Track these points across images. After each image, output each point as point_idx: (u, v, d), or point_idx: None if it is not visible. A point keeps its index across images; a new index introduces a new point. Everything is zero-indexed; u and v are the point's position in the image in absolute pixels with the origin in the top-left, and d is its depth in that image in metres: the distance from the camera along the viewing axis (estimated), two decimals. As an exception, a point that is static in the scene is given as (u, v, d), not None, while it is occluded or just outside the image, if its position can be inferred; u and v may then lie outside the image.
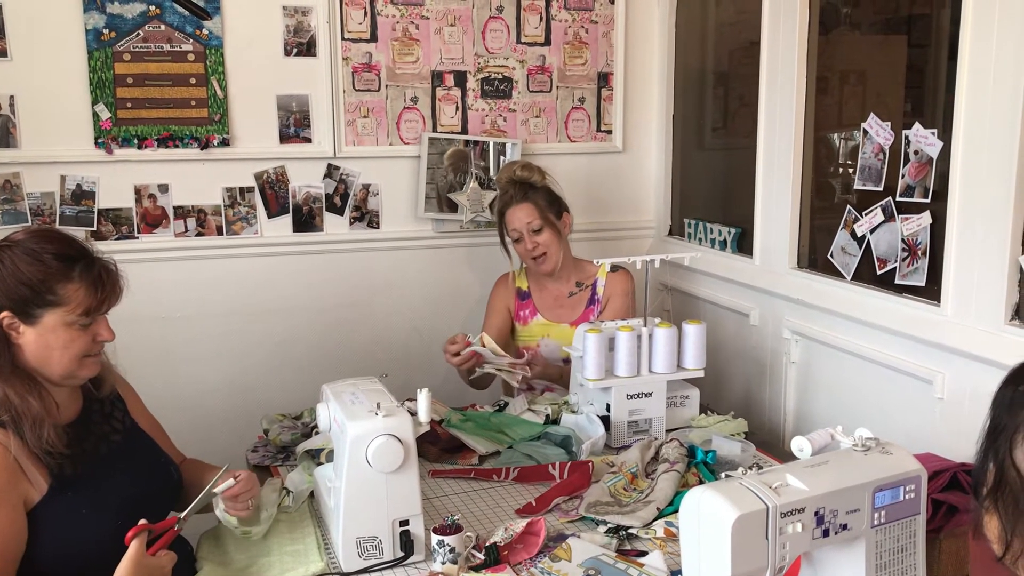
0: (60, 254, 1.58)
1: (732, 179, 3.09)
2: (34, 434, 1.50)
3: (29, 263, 1.55)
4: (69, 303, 1.56)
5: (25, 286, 1.53)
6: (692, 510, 1.22)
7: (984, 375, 1.90)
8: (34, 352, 1.56)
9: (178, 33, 2.70)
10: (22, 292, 1.53)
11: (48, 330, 1.56)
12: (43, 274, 1.55)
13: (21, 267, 1.54)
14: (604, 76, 3.17)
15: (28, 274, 1.54)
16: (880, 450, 1.32)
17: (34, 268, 1.55)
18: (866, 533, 1.26)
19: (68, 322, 1.57)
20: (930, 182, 2.09)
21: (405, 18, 2.91)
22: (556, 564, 1.61)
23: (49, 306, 1.55)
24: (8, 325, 1.54)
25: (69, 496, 1.55)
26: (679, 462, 1.94)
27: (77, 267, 1.58)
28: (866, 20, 2.57)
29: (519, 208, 2.59)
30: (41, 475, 1.53)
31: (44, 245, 1.58)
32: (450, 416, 2.25)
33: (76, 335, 1.58)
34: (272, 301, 2.92)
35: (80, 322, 1.58)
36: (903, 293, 2.18)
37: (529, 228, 2.58)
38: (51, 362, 1.57)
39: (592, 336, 2.17)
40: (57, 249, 1.58)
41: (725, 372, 2.88)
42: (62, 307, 1.56)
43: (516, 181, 2.63)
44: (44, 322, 1.55)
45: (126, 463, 1.69)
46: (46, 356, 1.56)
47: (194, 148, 2.76)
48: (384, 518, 1.62)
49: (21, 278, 1.54)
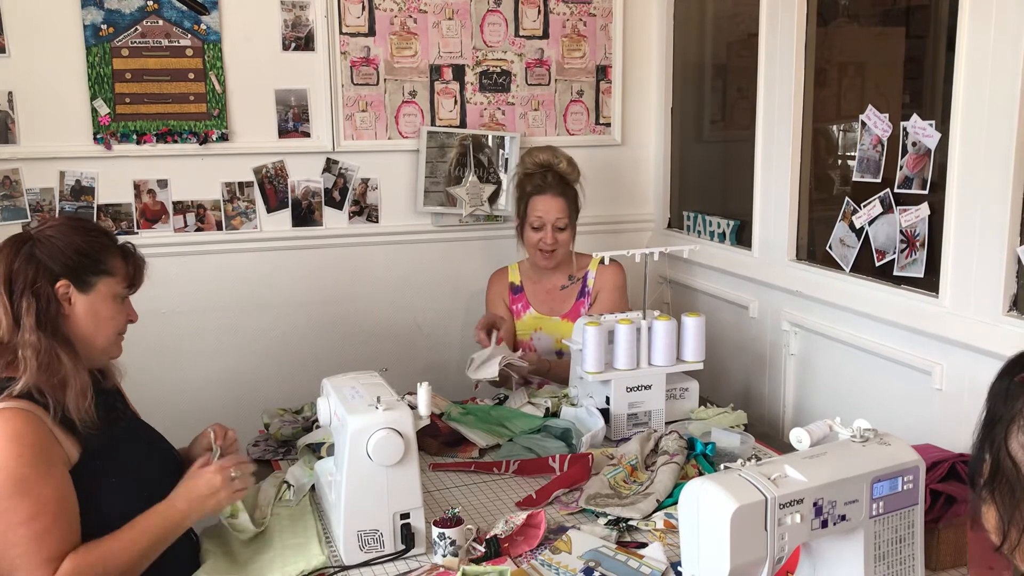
0: (102, 230, 1.73)
1: (731, 171, 3.09)
2: (77, 402, 1.56)
3: (82, 235, 1.65)
4: (117, 273, 1.68)
5: (81, 255, 1.63)
6: (691, 501, 1.22)
7: (982, 366, 1.90)
8: (84, 321, 1.63)
9: (176, 28, 2.70)
10: (79, 260, 1.63)
11: (100, 299, 1.65)
12: (97, 244, 1.66)
13: (75, 238, 1.64)
14: (603, 69, 3.17)
15: (83, 244, 1.64)
16: (878, 441, 1.33)
17: (88, 238, 1.66)
18: (864, 524, 1.27)
19: (115, 293, 1.68)
20: (928, 173, 2.09)
21: (403, 12, 2.91)
22: (556, 556, 1.62)
23: (103, 274, 1.65)
24: (63, 295, 1.61)
25: (98, 465, 1.60)
26: (679, 454, 1.95)
27: (118, 242, 1.72)
28: (864, 12, 2.57)
29: (553, 200, 2.59)
30: (72, 445, 1.57)
31: (86, 223, 1.74)
32: (450, 410, 2.25)
33: (119, 309, 1.69)
34: (271, 296, 2.92)
35: (123, 294, 1.70)
36: (901, 284, 2.18)
37: (555, 224, 2.59)
38: (99, 333, 1.66)
39: (591, 329, 2.17)
40: (97, 227, 1.74)
41: (724, 365, 2.89)
42: (113, 276, 1.67)
43: (557, 172, 2.62)
44: (98, 290, 1.65)
45: (140, 445, 1.76)
46: (95, 326, 1.65)
47: (193, 143, 2.76)
48: (385, 511, 1.63)
49: (77, 247, 1.63)
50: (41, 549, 1.47)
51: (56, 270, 1.60)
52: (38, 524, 1.47)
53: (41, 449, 1.50)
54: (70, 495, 1.53)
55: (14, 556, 1.47)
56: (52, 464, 1.52)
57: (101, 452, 1.60)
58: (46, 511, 1.48)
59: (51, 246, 1.61)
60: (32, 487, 1.47)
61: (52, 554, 1.48)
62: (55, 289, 1.60)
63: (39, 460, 1.49)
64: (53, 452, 1.52)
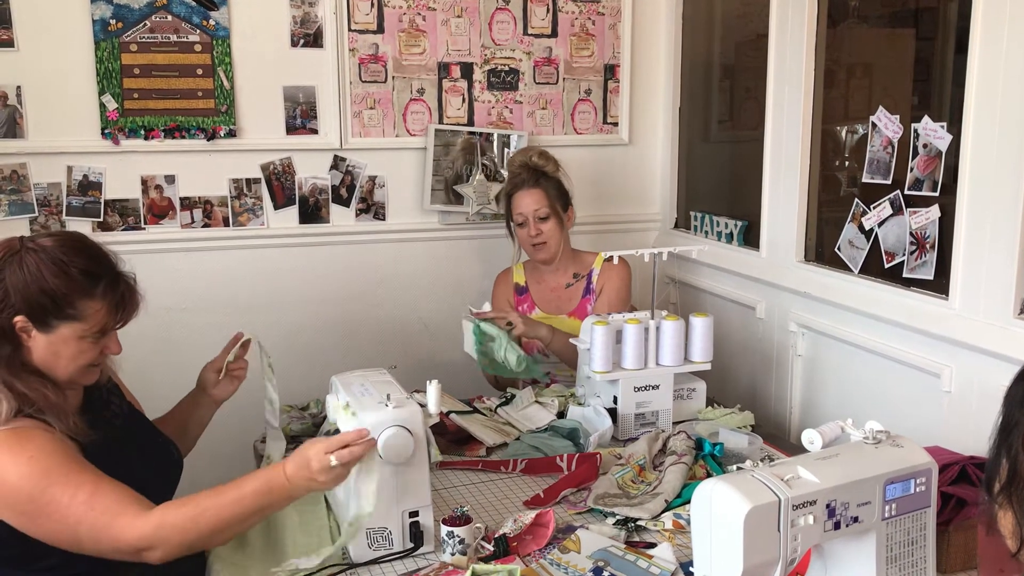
0: (87, 270, 1.56)
1: (738, 172, 3.08)
2: (60, 422, 1.52)
3: (55, 273, 1.52)
4: (87, 320, 1.56)
5: (46, 295, 1.52)
6: (704, 502, 1.22)
7: (992, 369, 1.90)
8: (41, 357, 1.55)
9: (185, 24, 2.70)
10: (42, 301, 1.52)
11: (60, 341, 1.55)
12: (67, 288, 1.53)
13: (46, 275, 1.52)
14: (611, 68, 3.16)
15: (52, 285, 1.52)
16: (891, 443, 1.33)
17: (59, 280, 1.52)
18: (877, 526, 1.27)
19: (81, 336, 1.56)
20: (939, 175, 2.09)
21: (412, 9, 2.91)
22: (565, 555, 1.62)
23: (67, 319, 1.54)
24: (21, 328, 1.53)
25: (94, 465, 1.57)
26: (687, 454, 1.94)
27: (101, 285, 1.57)
28: (874, 13, 2.57)
29: (528, 193, 2.61)
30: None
31: (72, 257, 1.55)
32: None
33: (87, 348, 1.58)
34: (278, 293, 2.92)
35: (93, 338, 1.58)
36: (911, 287, 2.18)
37: (536, 215, 2.60)
38: (56, 369, 1.57)
39: (599, 329, 2.17)
40: (85, 264, 1.56)
41: (731, 365, 2.88)
42: (79, 322, 1.55)
43: (530, 167, 2.64)
44: (58, 332, 1.55)
45: (132, 446, 1.73)
46: (52, 363, 1.56)
47: (201, 139, 2.76)
48: (394, 509, 1.62)
49: (44, 287, 1.51)
50: (106, 511, 1.44)
51: (17, 305, 1.50)
52: (84, 494, 1.44)
53: (51, 444, 1.49)
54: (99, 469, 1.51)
55: (88, 532, 1.44)
56: (68, 450, 1.50)
57: (95, 453, 1.58)
58: (85, 483, 1.46)
59: (20, 276, 1.51)
60: (58, 473, 1.45)
61: (120, 509, 1.45)
62: (12, 323, 1.51)
63: (52, 452, 1.48)
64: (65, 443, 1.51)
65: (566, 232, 2.69)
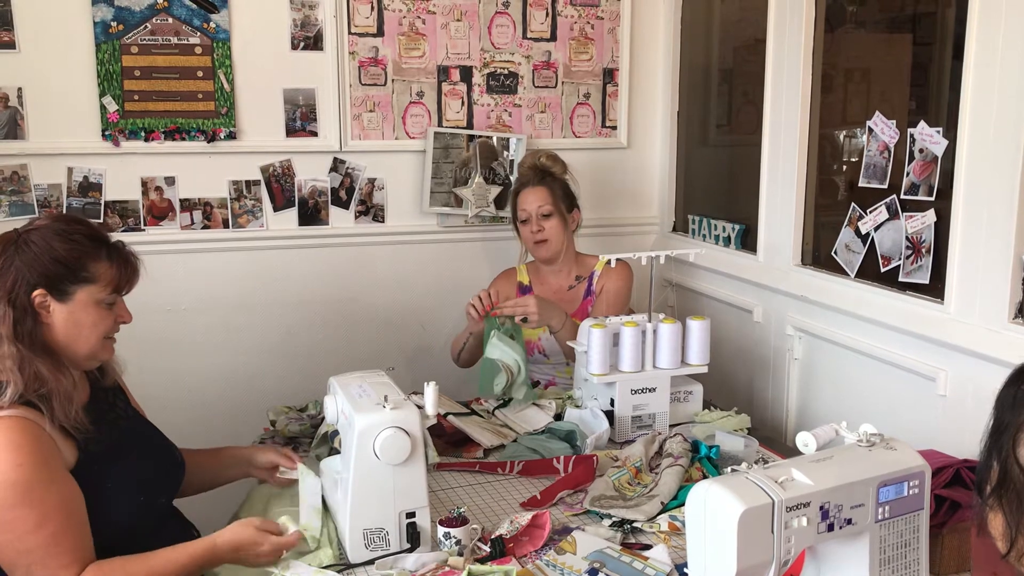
0: (89, 235, 1.64)
1: (736, 176, 3.10)
2: (63, 410, 1.54)
3: (62, 241, 1.59)
4: (100, 280, 1.62)
5: (59, 263, 1.58)
6: (699, 503, 1.23)
7: (987, 373, 1.91)
8: (63, 330, 1.59)
9: (186, 26, 2.71)
10: (56, 269, 1.57)
11: (79, 307, 1.60)
12: (77, 251, 1.60)
13: (55, 245, 1.58)
14: (609, 72, 3.17)
15: (62, 251, 1.58)
16: (884, 446, 1.33)
17: (68, 246, 1.59)
18: (870, 528, 1.28)
19: (97, 300, 1.62)
20: (935, 180, 2.10)
21: (412, 13, 2.92)
22: (561, 557, 1.63)
23: (82, 282, 1.60)
24: (40, 304, 1.57)
25: (96, 470, 1.59)
26: (683, 457, 1.95)
27: (105, 247, 1.64)
28: (872, 18, 2.58)
29: (533, 191, 2.66)
30: (69, 449, 1.56)
31: (73, 226, 1.63)
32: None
33: (103, 315, 1.63)
34: (277, 294, 2.93)
35: (108, 300, 1.64)
36: (907, 291, 2.19)
37: (539, 212, 2.64)
38: (79, 340, 1.61)
39: (597, 331, 2.18)
40: (86, 231, 1.64)
41: (728, 368, 2.89)
42: (94, 284, 1.61)
43: (538, 168, 2.70)
44: (76, 299, 1.60)
45: (138, 444, 1.75)
46: (75, 334, 1.60)
47: (201, 141, 2.77)
48: (391, 510, 1.63)
49: (55, 255, 1.58)
50: (57, 555, 1.46)
51: (32, 279, 1.55)
52: (47, 530, 1.46)
53: (41, 456, 1.48)
54: (77, 499, 1.52)
55: (29, 563, 1.46)
56: (54, 470, 1.50)
57: (99, 455, 1.59)
58: (54, 517, 1.47)
59: (29, 252, 1.57)
60: (36, 495, 1.45)
61: (68, 559, 1.47)
62: (31, 299, 1.55)
63: (40, 467, 1.47)
64: (54, 458, 1.51)
65: (570, 234, 2.71)
